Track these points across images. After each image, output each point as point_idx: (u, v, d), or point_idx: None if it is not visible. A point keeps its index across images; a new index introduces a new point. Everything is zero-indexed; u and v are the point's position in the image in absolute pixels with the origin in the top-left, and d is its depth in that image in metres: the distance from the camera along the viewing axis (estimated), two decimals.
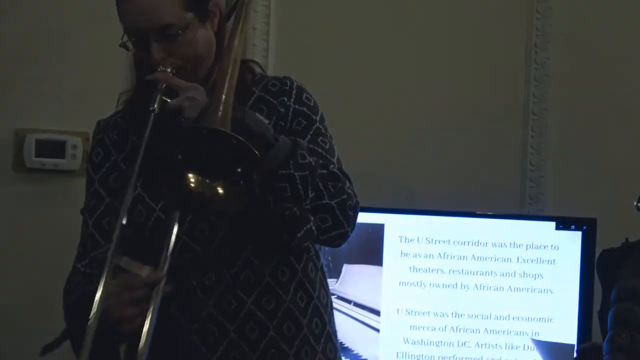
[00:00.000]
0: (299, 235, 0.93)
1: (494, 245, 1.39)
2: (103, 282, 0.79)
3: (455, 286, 1.38)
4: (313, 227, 0.94)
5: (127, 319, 0.81)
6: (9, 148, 1.49)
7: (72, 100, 1.49)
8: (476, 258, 1.38)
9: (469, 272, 1.38)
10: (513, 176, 1.52)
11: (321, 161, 0.96)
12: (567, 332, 1.38)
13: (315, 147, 0.99)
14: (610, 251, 1.31)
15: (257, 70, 1.06)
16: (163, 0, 0.94)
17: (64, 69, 1.48)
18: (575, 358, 1.44)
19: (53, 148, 1.46)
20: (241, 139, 0.79)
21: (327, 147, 1.01)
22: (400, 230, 1.36)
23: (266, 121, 0.96)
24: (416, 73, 1.53)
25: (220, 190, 0.85)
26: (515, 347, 1.38)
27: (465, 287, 1.37)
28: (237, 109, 0.89)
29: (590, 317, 1.38)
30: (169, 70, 0.93)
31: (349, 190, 0.97)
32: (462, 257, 1.38)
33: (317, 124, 1.02)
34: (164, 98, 0.89)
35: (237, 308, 0.94)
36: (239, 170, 0.82)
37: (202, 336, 0.94)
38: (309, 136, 1.00)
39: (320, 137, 1.02)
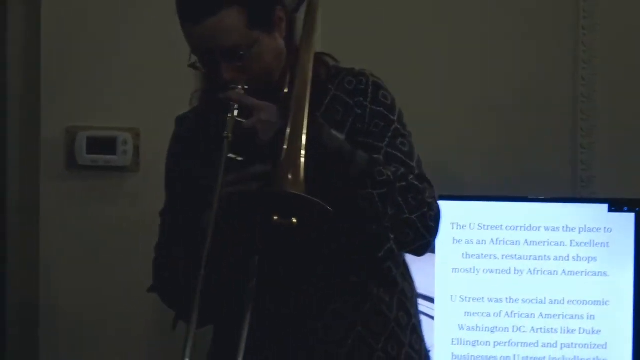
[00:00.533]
0: (380, 255, 0.94)
1: (546, 229, 1.39)
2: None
3: (508, 271, 1.38)
4: (393, 246, 0.94)
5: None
6: (61, 146, 1.53)
7: (121, 96, 1.53)
8: (529, 243, 1.39)
9: (522, 257, 1.38)
10: (564, 159, 1.52)
11: (401, 170, 0.95)
12: (622, 315, 1.38)
13: (394, 152, 0.98)
14: None
15: (332, 63, 1.04)
16: (228, 23, 0.94)
17: (113, 66, 1.51)
18: None
19: (104, 145, 1.49)
20: (314, 199, 0.82)
21: (406, 149, 0.99)
22: (451, 217, 1.37)
23: (341, 136, 0.96)
24: (463, 61, 1.54)
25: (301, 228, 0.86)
26: (570, 331, 1.38)
27: (519, 272, 1.38)
28: (312, 127, 0.90)
29: None
30: (240, 87, 0.94)
31: (429, 200, 0.95)
32: (514, 242, 1.39)
33: (396, 124, 1.00)
34: (237, 119, 0.90)
35: (324, 306, 0.96)
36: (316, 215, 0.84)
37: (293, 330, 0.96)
38: (387, 139, 0.99)
39: (400, 139, 1.00)
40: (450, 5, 1.58)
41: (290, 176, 0.85)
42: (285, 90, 0.96)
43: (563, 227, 1.40)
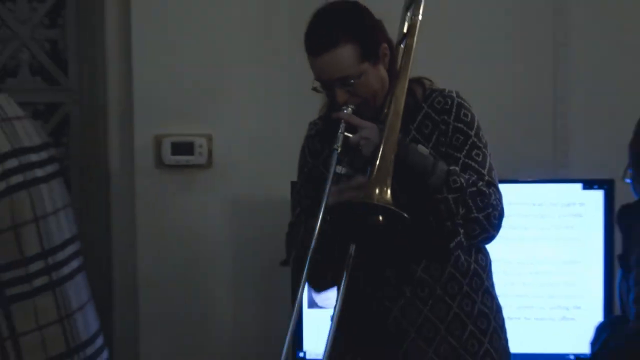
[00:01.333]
0: (451, 246, 1.18)
1: (533, 204, 1.74)
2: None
3: (505, 238, 1.74)
4: (462, 239, 1.17)
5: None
6: (150, 150, 1.92)
7: (196, 109, 1.91)
8: (519, 215, 1.73)
9: (514, 227, 1.72)
10: (547, 147, 1.88)
11: (473, 177, 1.18)
12: (594, 272, 1.73)
13: (470, 162, 1.21)
14: (627, 206, 1.56)
15: (428, 85, 1.27)
16: (342, 57, 1.16)
17: (186, 86, 1.90)
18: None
19: (184, 148, 1.89)
20: (393, 208, 1.05)
21: (480, 159, 1.21)
22: None
23: (426, 152, 1.18)
24: (452, 57, 1.85)
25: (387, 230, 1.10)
26: (554, 284, 1.73)
27: (512, 239, 1.70)
28: (401, 146, 1.13)
29: (612, 260, 1.72)
30: (351, 108, 1.16)
31: (494, 202, 1.18)
32: (507, 216, 1.76)
33: (473, 137, 1.22)
34: (345, 134, 1.13)
35: (412, 276, 1.23)
36: (396, 221, 1.07)
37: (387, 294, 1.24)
38: (465, 150, 1.21)
39: (475, 150, 1.22)
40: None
41: (377, 190, 1.07)
42: (386, 111, 1.16)
43: (547, 203, 1.76)
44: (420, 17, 1.24)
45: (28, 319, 1.02)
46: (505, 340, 1.35)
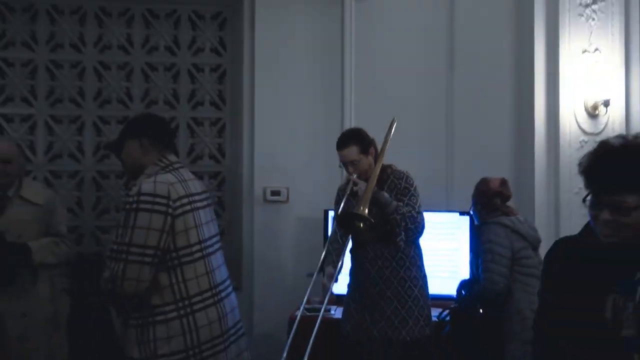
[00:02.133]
0: (398, 239, 2.47)
1: (432, 225, 3.49)
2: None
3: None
4: (404, 237, 2.46)
5: None
6: (261, 194, 3.92)
7: (283, 169, 3.88)
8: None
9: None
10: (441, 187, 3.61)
11: (409, 209, 2.45)
12: (464, 257, 3.40)
13: (409, 202, 2.50)
14: (476, 226, 3.09)
15: (394, 167, 2.59)
16: (351, 151, 2.55)
17: (280, 152, 3.89)
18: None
19: (276, 192, 3.87)
20: (366, 216, 2.26)
21: (413, 201, 2.51)
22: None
23: (387, 195, 2.45)
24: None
25: (365, 229, 2.31)
26: (446, 261, 3.42)
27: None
28: (376, 191, 2.40)
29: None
30: (355, 175, 2.51)
31: (419, 221, 2.48)
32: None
33: (411, 191, 2.53)
34: (353, 188, 2.49)
35: (377, 253, 2.53)
36: (368, 223, 2.28)
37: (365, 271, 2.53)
38: (407, 197, 2.51)
39: (412, 197, 2.52)
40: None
41: (361, 208, 2.29)
42: (369, 178, 2.43)
43: (439, 223, 3.47)
44: (390, 136, 2.61)
45: (190, 273, 1.92)
46: (426, 290, 2.61)
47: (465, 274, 3.28)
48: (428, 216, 3.40)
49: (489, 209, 2.84)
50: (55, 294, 2.94)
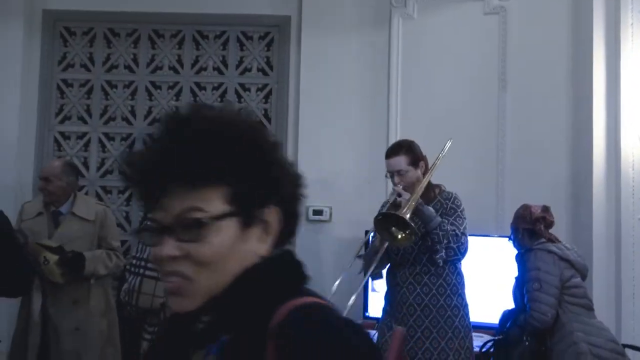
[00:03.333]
0: (437, 256, 2.37)
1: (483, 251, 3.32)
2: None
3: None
4: (444, 256, 2.36)
5: None
6: (303, 213, 3.91)
7: (323, 189, 3.87)
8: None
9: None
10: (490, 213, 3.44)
11: (454, 229, 2.36)
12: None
13: (454, 222, 2.42)
14: (519, 252, 2.81)
15: (442, 188, 2.54)
16: (399, 161, 2.46)
17: (322, 171, 3.88)
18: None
19: (318, 212, 3.83)
20: (406, 219, 2.23)
21: (459, 222, 2.42)
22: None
23: (432, 210, 2.37)
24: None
25: (402, 236, 2.32)
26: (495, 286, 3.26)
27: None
28: (420, 203, 2.33)
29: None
30: (401, 186, 2.40)
31: (462, 241, 2.38)
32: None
33: (458, 212, 2.45)
34: (397, 198, 2.39)
35: (416, 278, 2.45)
36: (408, 230, 2.29)
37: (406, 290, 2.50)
38: (452, 217, 2.43)
39: (458, 219, 2.43)
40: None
41: (403, 210, 2.26)
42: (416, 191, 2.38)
43: (488, 248, 3.31)
44: (443, 154, 2.59)
45: None
46: (467, 320, 2.48)
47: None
48: (476, 240, 3.31)
49: (532, 235, 2.68)
50: (107, 308, 3.01)
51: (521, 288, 2.58)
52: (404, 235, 2.27)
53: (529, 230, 2.67)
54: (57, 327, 2.84)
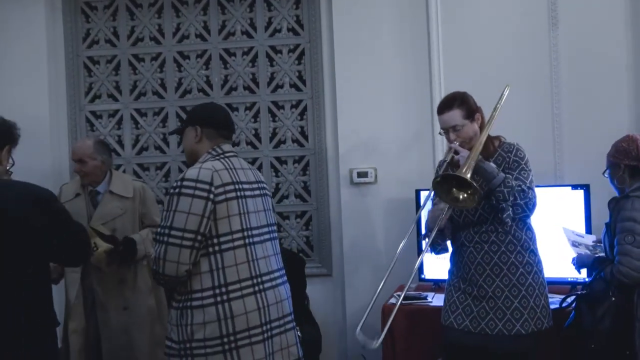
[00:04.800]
0: (504, 216, 2.16)
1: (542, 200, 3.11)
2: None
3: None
4: (511, 214, 2.15)
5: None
6: (347, 176, 3.73)
7: (368, 150, 3.68)
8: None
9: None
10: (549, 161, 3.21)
11: (520, 184, 2.15)
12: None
13: (519, 176, 2.21)
14: (614, 197, 2.37)
15: (502, 139, 2.33)
16: (453, 115, 2.24)
17: (370, 136, 3.68)
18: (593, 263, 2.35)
19: (363, 174, 3.63)
20: (468, 179, 1.99)
21: (524, 176, 2.21)
22: None
23: (494, 166, 2.16)
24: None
25: (464, 197, 2.09)
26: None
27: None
28: (480, 160, 2.13)
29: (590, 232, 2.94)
30: (457, 142, 2.21)
31: (530, 196, 2.16)
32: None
33: (522, 165, 2.24)
34: (453, 155, 2.20)
35: (482, 236, 2.25)
36: (470, 190, 2.05)
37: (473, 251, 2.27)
38: (517, 171, 2.23)
39: (523, 172, 2.23)
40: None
41: (464, 171, 2.04)
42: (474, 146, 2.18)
43: (550, 199, 3.09)
44: (500, 104, 2.37)
45: (229, 260, 1.91)
46: (541, 276, 2.28)
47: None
48: (537, 192, 3.10)
49: (636, 174, 2.33)
50: (155, 286, 2.96)
51: (612, 237, 2.31)
52: (466, 195, 2.09)
53: (632, 168, 2.33)
54: (107, 307, 2.83)
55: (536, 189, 3.06)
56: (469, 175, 2.04)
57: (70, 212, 2.84)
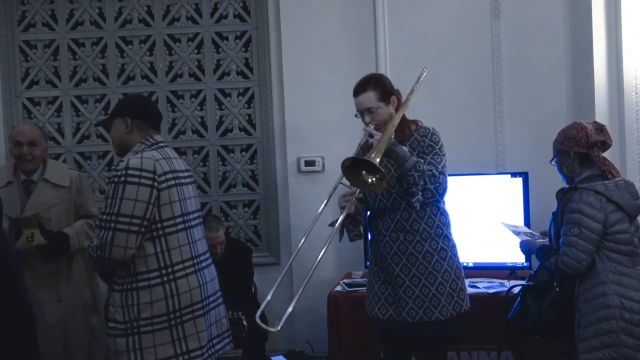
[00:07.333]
0: (413, 200, 2.15)
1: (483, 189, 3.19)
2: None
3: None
4: (421, 198, 2.14)
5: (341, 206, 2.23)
6: (295, 164, 3.72)
7: (316, 138, 3.68)
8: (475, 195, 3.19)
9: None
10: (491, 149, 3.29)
11: (432, 168, 2.14)
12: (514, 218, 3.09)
13: (432, 160, 2.19)
14: (562, 189, 2.30)
15: (419, 124, 2.29)
16: (368, 97, 2.22)
17: (313, 121, 3.67)
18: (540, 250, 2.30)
19: (310, 163, 3.63)
20: (375, 163, 1.94)
21: (437, 160, 2.20)
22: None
23: (406, 149, 2.14)
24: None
25: (372, 181, 2.03)
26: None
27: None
28: (393, 143, 2.10)
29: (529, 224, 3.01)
30: (372, 125, 2.19)
31: (441, 181, 2.15)
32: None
33: (436, 149, 2.22)
34: (368, 140, 2.15)
35: (398, 225, 2.23)
36: (378, 174, 2.00)
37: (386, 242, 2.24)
38: (430, 155, 2.21)
39: (436, 156, 2.21)
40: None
41: (372, 155, 1.99)
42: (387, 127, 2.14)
43: (491, 187, 3.17)
44: (417, 86, 2.35)
45: (173, 242, 2.02)
46: (456, 261, 2.29)
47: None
48: (478, 180, 3.19)
49: (585, 162, 2.27)
50: (90, 277, 2.90)
51: (558, 228, 2.27)
52: (374, 180, 2.05)
53: (582, 155, 2.27)
54: (40, 300, 2.75)
55: (480, 177, 3.20)
56: (377, 160, 2.01)
57: (2, 201, 2.76)
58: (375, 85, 2.25)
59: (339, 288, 3.18)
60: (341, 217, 2.21)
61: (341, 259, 3.56)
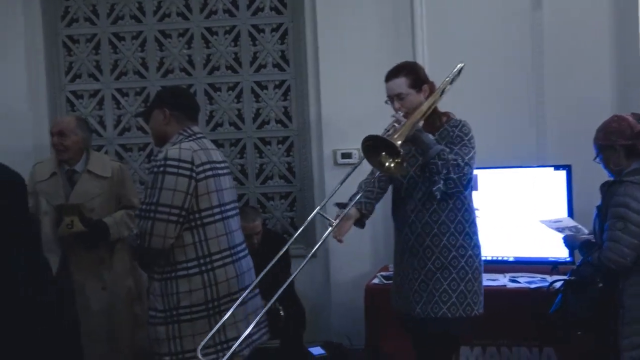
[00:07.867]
0: (434, 188, 2.07)
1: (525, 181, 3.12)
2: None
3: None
4: (442, 188, 2.06)
5: None
6: (331, 156, 3.73)
7: (352, 130, 3.67)
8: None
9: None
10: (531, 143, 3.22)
11: (457, 158, 2.05)
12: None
13: (459, 151, 2.10)
14: (607, 181, 2.24)
15: (451, 115, 2.22)
16: (398, 83, 2.16)
17: (350, 115, 3.66)
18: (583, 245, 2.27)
19: (347, 155, 3.64)
20: (396, 145, 1.84)
21: (465, 152, 2.10)
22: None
23: (432, 137, 2.07)
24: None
25: (392, 165, 1.92)
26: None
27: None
28: (419, 129, 2.03)
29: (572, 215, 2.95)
30: (402, 112, 2.11)
31: (466, 172, 2.06)
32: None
33: (465, 141, 2.13)
34: (394, 125, 2.05)
35: (418, 215, 2.18)
36: (398, 158, 1.90)
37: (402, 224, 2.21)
38: (458, 146, 2.12)
39: (464, 148, 2.12)
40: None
41: (395, 136, 1.91)
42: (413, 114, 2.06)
43: (532, 180, 3.10)
44: (451, 78, 2.23)
45: (211, 232, 2.07)
46: (477, 262, 2.18)
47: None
48: (519, 172, 3.13)
49: (631, 154, 2.20)
50: (133, 267, 2.95)
51: (602, 221, 2.20)
52: (392, 164, 1.95)
53: (628, 148, 2.20)
54: (84, 288, 2.81)
55: (519, 170, 3.14)
56: (399, 143, 1.93)
57: (47, 192, 2.82)
58: (409, 72, 2.22)
59: (376, 280, 3.18)
60: (354, 202, 2.28)
61: (379, 252, 3.55)
